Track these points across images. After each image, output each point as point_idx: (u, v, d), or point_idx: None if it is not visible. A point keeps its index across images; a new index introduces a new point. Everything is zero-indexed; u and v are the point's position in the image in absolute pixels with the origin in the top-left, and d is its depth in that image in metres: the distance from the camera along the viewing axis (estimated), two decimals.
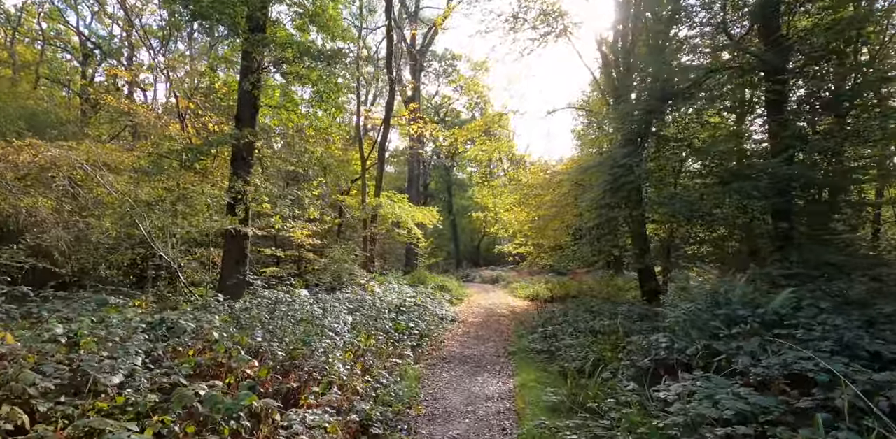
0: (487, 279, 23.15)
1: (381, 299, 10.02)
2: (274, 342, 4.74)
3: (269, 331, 5.16)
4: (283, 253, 11.29)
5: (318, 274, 11.04)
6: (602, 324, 7.02)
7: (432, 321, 9.44)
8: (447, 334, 9.10)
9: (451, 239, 30.48)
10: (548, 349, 7.02)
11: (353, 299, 8.95)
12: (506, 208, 17.72)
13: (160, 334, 4.32)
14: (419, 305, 10.78)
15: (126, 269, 9.25)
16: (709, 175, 8.87)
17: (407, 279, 15.91)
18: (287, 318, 6.43)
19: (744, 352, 4.17)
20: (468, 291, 18.04)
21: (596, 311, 8.67)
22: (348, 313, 7.95)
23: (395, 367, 6.24)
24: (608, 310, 8.54)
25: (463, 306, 14.17)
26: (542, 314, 10.41)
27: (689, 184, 9.18)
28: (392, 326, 7.45)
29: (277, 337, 4.89)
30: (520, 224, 16.70)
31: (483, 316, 12.07)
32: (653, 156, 9.49)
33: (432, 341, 8.25)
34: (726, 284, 5.80)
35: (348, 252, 11.65)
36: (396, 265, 23.05)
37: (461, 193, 30.65)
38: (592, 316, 8.37)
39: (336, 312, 7.32)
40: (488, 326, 10.33)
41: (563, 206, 13.72)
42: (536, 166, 19.29)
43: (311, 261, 11.57)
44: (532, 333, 8.75)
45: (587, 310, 9.13)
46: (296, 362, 4.62)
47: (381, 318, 7.60)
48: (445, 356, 7.36)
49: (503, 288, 19.96)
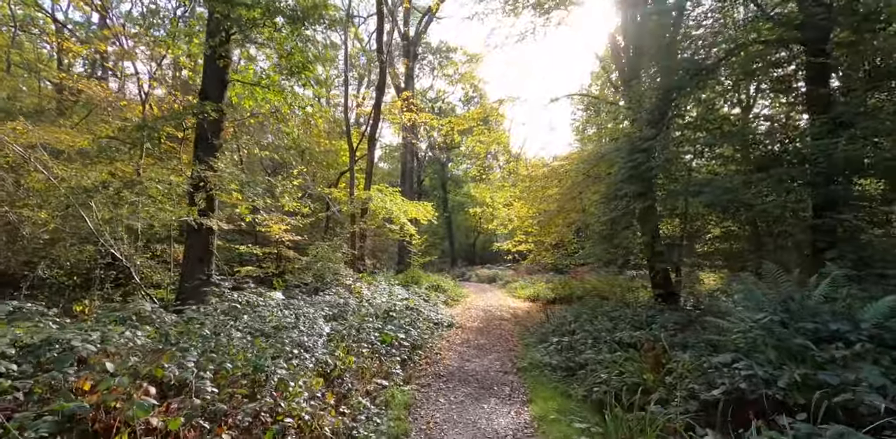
0: (484, 278, 21.86)
1: (369, 302, 8.70)
2: (209, 370, 3.40)
3: (208, 353, 3.82)
4: (260, 250, 9.92)
5: (299, 273, 9.68)
6: (630, 335, 5.74)
7: (426, 328, 8.13)
8: (443, 343, 7.79)
9: (447, 236, 29.15)
10: (566, 365, 5.73)
11: (334, 303, 7.62)
12: (504, 203, 16.43)
13: (36, 363, 2.97)
14: (412, 309, 9.47)
15: (71, 269, 7.84)
16: (744, 161, 7.64)
17: (399, 279, 14.57)
18: (244, 331, 5.10)
19: (867, 386, 2.91)
20: (465, 291, 16.74)
21: (616, 317, 7.40)
22: (327, 321, 6.62)
23: (380, 391, 4.92)
24: (629, 316, 7.28)
25: (460, 308, 12.86)
26: (550, 319, 9.13)
27: (720, 171, 7.94)
28: (378, 337, 6.12)
29: (216, 362, 3.55)
30: (520, 220, 15.42)
31: (483, 319, 10.78)
32: (676, 141, 8.23)
33: (426, 353, 6.94)
34: (793, 288, 4.55)
35: (333, 249, 10.31)
36: (389, 264, 21.71)
37: (456, 190, 29.31)
38: (612, 322, 7.10)
39: (311, 321, 5.98)
40: (489, 332, 9.03)
41: (569, 200, 12.47)
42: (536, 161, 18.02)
43: (291, 260, 10.22)
44: (542, 342, 7.46)
45: (604, 314, 7.85)
46: (238, 399, 3.28)
47: (364, 328, 6.27)
48: (442, 372, 6.05)
49: (501, 287, 18.68)
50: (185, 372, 3.10)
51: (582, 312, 8.74)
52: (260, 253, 10.00)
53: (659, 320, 6.17)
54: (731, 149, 7.79)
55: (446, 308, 12.69)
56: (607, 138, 12.52)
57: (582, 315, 8.53)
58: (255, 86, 8.32)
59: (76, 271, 7.77)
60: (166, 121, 6.83)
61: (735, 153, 7.81)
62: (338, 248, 10.40)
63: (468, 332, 8.98)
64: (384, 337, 6.07)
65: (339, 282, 9.49)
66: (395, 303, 8.35)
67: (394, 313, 7.80)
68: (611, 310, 8.54)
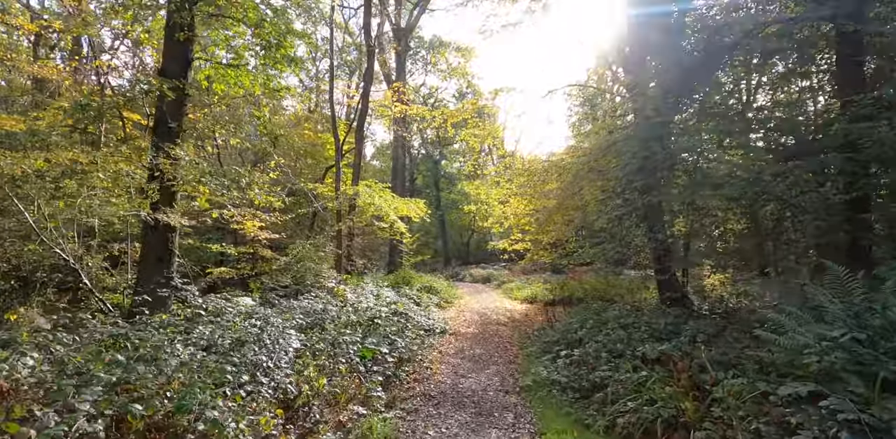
0: (478, 278, 20.94)
1: (354, 307, 7.75)
2: (106, 417, 2.43)
3: (122, 384, 2.84)
4: (235, 249, 8.91)
5: (277, 275, 8.70)
6: (654, 348, 4.82)
7: (415, 336, 7.18)
8: (435, 354, 6.84)
9: (440, 236, 28.19)
10: (578, 385, 4.81)
11: (311, 309, 6.65)
12: (500, 200, 15.50)
13: None
14: (400, 314, 8.51)
15: (11, 271, 6.79)
16: (770, 150, 6.78)
17: (390, 279, 13.63)
18: (195, 348, 4.13)
19: None
20: (458, 292, 15.81)
21: (628, 325, 6.50)
22: (300, 332, 5.66)
23: (356, 422, 3.97)
24: (644, 323, 6.38)
25: (453, 311, 11.94)
26: (553, 325, 8.22)
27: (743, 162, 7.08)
28: (358, 352, 5.16)
29: (116, 404, 2.57)
30: (516, 218, 14.50)
31: (478, 324, 9.86)
32: (693, 128, 7.36)
33: (415, 367, 5.99)
34: (871, 295, 3.66)
35: (316, 248, 9.33)
36: (380, 264, 20.74)
37: (450, 187, 28.35)
38: (625, 331, 6.20)
39: (279, 332, 5.02)
40: (486, 340, 8.11)
41: (569, 196, 11.59)
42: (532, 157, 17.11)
43: (269, 260, 9.23)
44: (545, 353, 6.55)
45: (614, 320, 6.95)
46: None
47: (340, 342, 5.30)
48: (433, 392, 5.11)
49: (496, 288, 17.78)
50: (59, 427, 2.13)
51: (588, 317, 7.85)
52: (235, 252, 9.00)
53: (686, 330, 5.25)
54: (754, 137, 6.93)
55: (439, 311, 11.76)
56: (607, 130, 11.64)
57: (588, 320, 7.64)
58: (224, 66, 7.33)
59: (16, 273, 6.73)
60: (115, 102, 5.81)
61: (759, 141, 6.94)
62: (321, 247, 9.42)
63: (463, 340, 8.05)
64: (364, 352, 5.11)
65: (320, 284, 8.51)
66: (380, 308, 7.39)
67: (379, 320, 6.84)
68: (619, 314, 7.66)
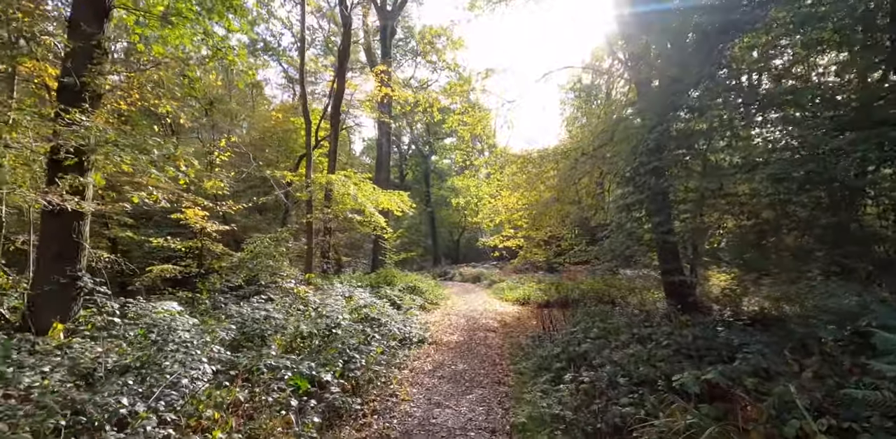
0: (468, 277, 19.58)
1: (318, 311, 6.34)
2: None
3: None
4: (179, 244, 7.44)
5: (227, 273, 7.26)
6: (694, 377, 3.46)
7: (384, 349, 5.77)
8: (405, 372, 5.43)
9: (429, 233, 26.79)
10: (592, 426, 3.43)
11: (249, 317, 5.22)
12: (491, 194, 14.15)
13: None
14: (372, 320, 7.12)
15: None
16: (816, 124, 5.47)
17: (370, 279, 12.20)
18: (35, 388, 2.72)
19: None
20: (446, 292, 14.43)
21: (644, 337, 5.16)
22: (230, 349, 4.25)
23: None
24: (664, 335, 5.04)
25: (438, 314, 10.55)
26: (550, 334, 6.86)
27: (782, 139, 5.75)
28: (290, 378, 3.74)
29: None
30: (508, 212, 13.16)
31: (464, 330, 8.48)
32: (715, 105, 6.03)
33: (377, 392, 4.59)
34: None
35: (276, 243, 7.89)
36: (366, 262, 19.31)
37: (440, 183, 26.96)
38: (643, 345, 4.86)
39: (185, 354, 3.59)
40: (472, 351, 6.73)
41: (566, 188, 10.28)
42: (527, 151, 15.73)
43: (219, 256, 7.78)
44: (543, 371, 5.19)
45: (625, 330, 5.62)
46: None
47: (276, 366, 3.87)
48: (393, 433, 3.71)
49: (486, 287, 16.42)
50: None
51: (591, 325, 6.51)
52: (180, 247, 7.54)
53: (750, 352, 3.80)
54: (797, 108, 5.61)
55: (422, 313, 10.38)
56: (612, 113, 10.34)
57: (591, 329, 6.30)
58: (151, 16, 5.89)
59: None
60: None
61: (804, 112, 5.62)
62: (282, 242, 7.98)
63: (444, 351, 6.66)
64: (297, 381, 3.68)
65: (278, 284, 7.09)
66: (342, 314, 5.96)
67: (339, 330, 5.43)
68: (630, 322, 6.33)
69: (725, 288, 8.08)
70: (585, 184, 11.44)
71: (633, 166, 6.24)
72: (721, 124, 5.61)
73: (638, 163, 6.02)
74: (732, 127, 5.60)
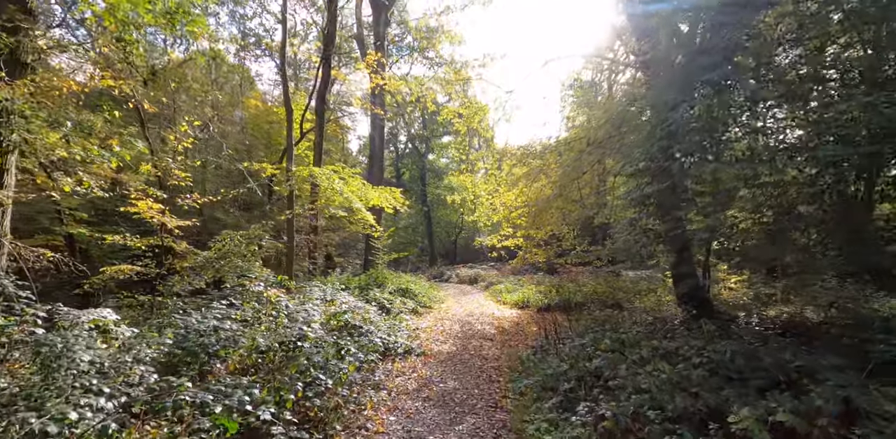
0: (465, 278, 18.65)
1: (289, 318, 5.43)
2: None
3: None
4: (138, 242, 6.51)
5: (188, 275, 6.35)
6: (756, 414, 2.56)
7: (360, 364, 4.86)
8: (384, 394, 4.51)
9: (426, 233, 25.86)
10: None
11: (192, 328, 4.30)
12: (489, 190, 13.25)
13: None
14: (352, 328, 6.21)
15: None
16: None
17: (359, 280, 11.27)
18: None
19: None
20: (441, 295, 13.52)
21: (671, 351, 4.26)
22: (167, 367, 3.34)
23: None
24: (694, 350, 4.15)
25: (430, 319, 9.64)
26: (556, 345, 5.93)
27: None
28: (215, 416, 2.81)
29: None
30: (506, 209, 12.25)
31: (458, 338, 7.57)
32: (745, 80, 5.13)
33: (345, 423, 3.67)
34: None
35: (247, 241, 6.98)
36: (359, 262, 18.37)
37: (437, 182, 26.03)
38: (670, 364, 3.96)
39: (84, 383, 2.68)
40: (465, 364, 5.81)
41: (569, 182, 9.39)
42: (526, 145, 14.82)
43: (184, 256, 6.86)
44: (548, 392, 4.28)
45: (645, 343, 4.71)
46: None
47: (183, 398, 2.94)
48: None
49: (483, 289, 15.50)
50: None
51: (601, 336, 5.60)
52: (140, 245, 6.62)
53: (823, 379, 2.90)
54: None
55: (413, 318, 9.47)
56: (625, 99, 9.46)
57: (602, 340, 5.39)
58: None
59: None
60: None
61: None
62: (254, 240, 7.07)
63: (433, 364, 5.74)
64: (225, 423, 2.74)
65: (245, 288, 6.16)
66: (307, 328, 5.03)
67: (306, 343, 4.50)
68: (647, 332, 5.44)
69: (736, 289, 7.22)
70: (588, 180, 10.57)
71: (649, 152, 5.34)
72: (753, 102, 4.72)
73: (656, 149, 5.12)
74: (766, 104, 4.71)
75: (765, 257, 5.85)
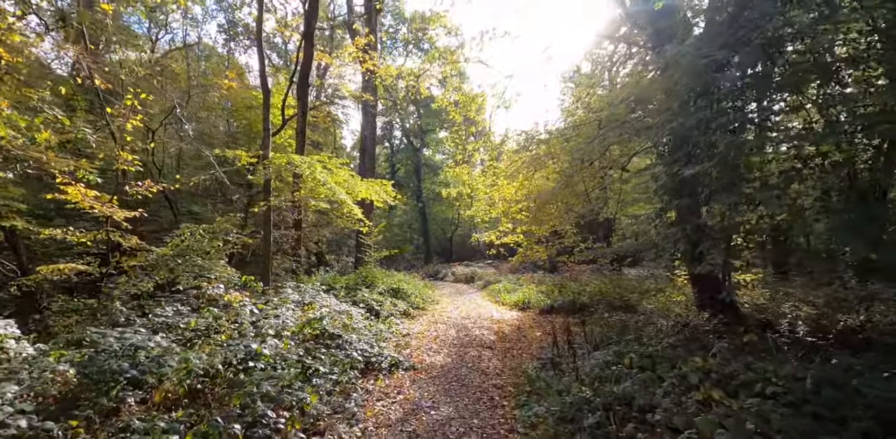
0: (461, 277, 17.68)
1: (255, 326, 4.44)
2: None
3: None
4: (79, 236, 5.46)
5: (136, 275, 5.31)
6: None
7: (332, 385, 3.86)
8: (358, 428, 3.51)
9: (421, 230, 24.83)
10: None
11: (107, 347, 3.28)
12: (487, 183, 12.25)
13: None
14: (329, 337, 5.22)
15: None
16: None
17: (346, 280, 10.26)
18: None
19: None
20: (435, 295, 12.54)
21: (734, 377, 3.29)
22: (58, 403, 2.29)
23: None
24: (759, 372, 3.19)
25: (423, 322, 8.65)
26: (571, 359, 4.94)
27: None
28: None
29: None
30: (505, 203, 11.27)
31: (453, 346, 6.58)
32: None
33: None
34: None
35: (211, 236, 5.95)
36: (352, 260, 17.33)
37: (432, 178, 24.99)
38: (725, 391, 2.99)
39: None
40: (461, 382, 4.82)
41: (575, 173, 8.41)
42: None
43: (131, 253, 5.82)
44: (567, 424, 3.30)
45: (684, 361, 3.74)
46: None
47: None
48: None
49: (481, 289, 14.53)
50: None
51: (625, 349, 4.63)
52: (84, 240, 5.57)
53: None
54: None
55: (405, 321, 8.49)
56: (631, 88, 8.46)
57: (626, 353, 4.42)
58: None
59: None
60: None
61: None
62: (218, 235, 6.04)
63: (423, 382, 4.75)
64: None
65: (202, 290, 5.14)
66: (253, 346, 4.01)
67: (259, 362, 3.49)
68: (677, 342, 4.49)
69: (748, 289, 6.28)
70: (595, 171, 9.61)
71: (686, 127, 4.34)
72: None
73: (696, 121, 4.13)
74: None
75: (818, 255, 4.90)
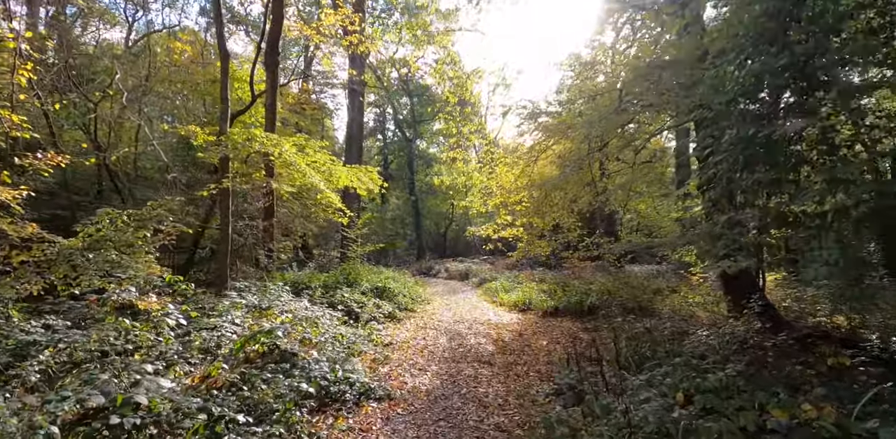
0: (455, 274, 16.35)
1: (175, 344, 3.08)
2: None
3: None
4: None
5: (26, 273, 3.94)
6: None
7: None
8: None
9: (413, 225, 23.44)
10: None
11: None
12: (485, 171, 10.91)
13: None
14: (281, 357, 3.89)
15: None
16: None
17: (326, 277, 8.88)
18: None
19: None
20: (427, 293, 11.23)
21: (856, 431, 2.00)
22: None
23: None
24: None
25: (410, 327, 7.33)
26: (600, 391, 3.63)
27: None
28: None
29: None
30: (504, 193, 9.95)
31: (443, 360, 5.26)
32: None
33: None
34: None
35: (136, 225, 4.58)
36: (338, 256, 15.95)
37: (426, 170, 23.56)
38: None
39: None
40: (451, 421, 3.49)
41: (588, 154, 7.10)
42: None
43: (22, 246, 4.45)
44: None
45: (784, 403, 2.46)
46: None
47: None
48: None
49: (476, 286, 13.21)
50: None
51: (681, 378, 3.33)
52: None
53: None
54: None
55: (389, 326, 7.18)
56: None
57: (681, 383, 3.14)
58: None
59: None
60: None
61: None
62: (146, 223, 4.67)
63: (398, 421, 3.42)
64: None
65: (110, 293, 3.79)
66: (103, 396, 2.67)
67: (127, 419, 2.16)
68: (735, 361, 3.21)
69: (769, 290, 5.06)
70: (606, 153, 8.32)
71: (744, 89, 3.02)
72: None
73: (748, 86, 2.81)
74: None
75: None
